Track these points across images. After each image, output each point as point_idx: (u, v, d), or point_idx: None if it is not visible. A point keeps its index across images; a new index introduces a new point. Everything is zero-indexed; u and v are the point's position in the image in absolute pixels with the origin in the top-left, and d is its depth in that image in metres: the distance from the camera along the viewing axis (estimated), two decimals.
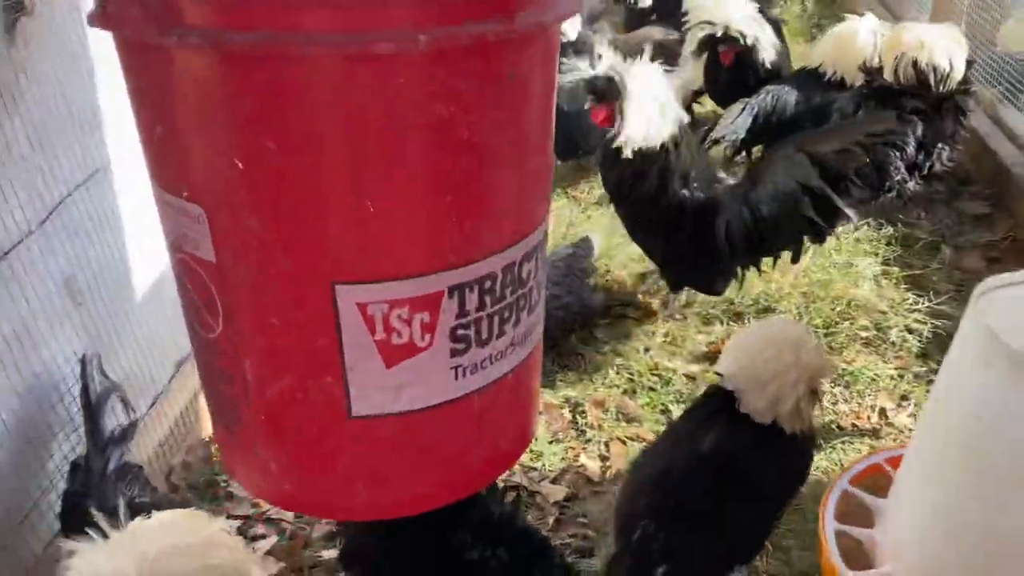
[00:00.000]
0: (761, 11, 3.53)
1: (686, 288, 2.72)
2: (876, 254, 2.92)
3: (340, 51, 0.94)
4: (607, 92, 2.33)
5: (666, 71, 2.49)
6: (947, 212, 3.11)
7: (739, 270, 2.56)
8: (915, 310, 2.62)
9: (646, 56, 2.42)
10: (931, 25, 3.07)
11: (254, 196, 1.02)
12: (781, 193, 2.37)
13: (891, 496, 1.56)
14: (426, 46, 0.93)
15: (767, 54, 3.44)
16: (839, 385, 2.39)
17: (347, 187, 1.01)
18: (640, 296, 2.87)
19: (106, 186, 1.86)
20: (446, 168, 1.03)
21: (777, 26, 3.68)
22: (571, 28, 3.63)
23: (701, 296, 2.79)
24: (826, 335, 2.57)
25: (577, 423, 2.39)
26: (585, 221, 3.36)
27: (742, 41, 3.35)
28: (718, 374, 1.61)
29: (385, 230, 1.04)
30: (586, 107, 2.40)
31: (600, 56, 2.48)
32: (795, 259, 2.51)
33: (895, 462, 1.61)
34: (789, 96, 3.26)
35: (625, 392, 2.48)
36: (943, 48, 2.96)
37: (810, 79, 3.28)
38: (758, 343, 1.57)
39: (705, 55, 3.45)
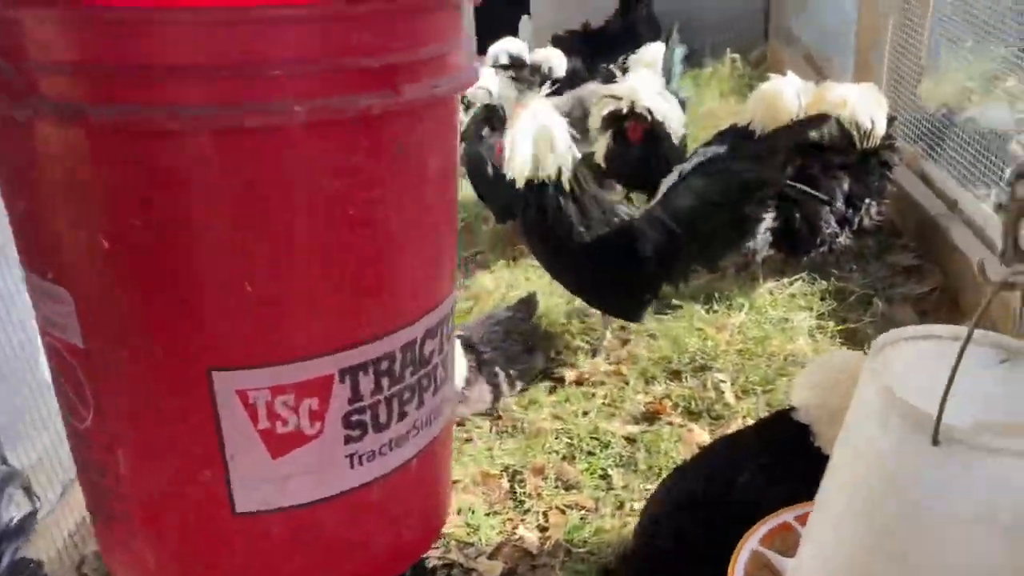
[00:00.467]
0: (668, 85, 3.59)
1: (610, 330, 2.81)
2: (811, 308, 2.93)
3: (210, 124, 0.89)
4: (500, 123, 2.57)
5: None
6: (878, 265, 3.15)
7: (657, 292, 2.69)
8: None
9: (537, 88, 2.53)
10: (852, 85, 3.15)
11: (122, 277, 0.95)
12: (701, 204, 2.51)
13: (797, 556, 1.50)
14: (304, 118, 0.88)
15: (675, 130, 3.38)
16: None
17: (222, 267, 0.94)
18: (581, 357, 2.82)
19: (6, 265, 1.76)
20: (331, 245, 0.97)
21: (682, 103, 3.74)
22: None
23: (642, 353, 2.76)
24: (764, 392, 2.54)
25: (515, 493, 2.30)
26: (524, 282, 3.32)
27: (650, 117, 3.25)
28: (790, 407, 1.59)
29: (266, 311, 0.97)
30: (489, 141, 2.60)
31: (490, 91, 2.59)
32: (713, 268, 2.84)
33: (804, 520, 1.56)
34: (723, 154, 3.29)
35: (564, 458, 2.40)
36: (865, 106, 3.04)
37: (740, 137, 3.32)
38: (832, 375, 1.55)
39: (609, 132, 3.30)
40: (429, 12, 0.99)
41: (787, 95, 3.24)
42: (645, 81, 3.32)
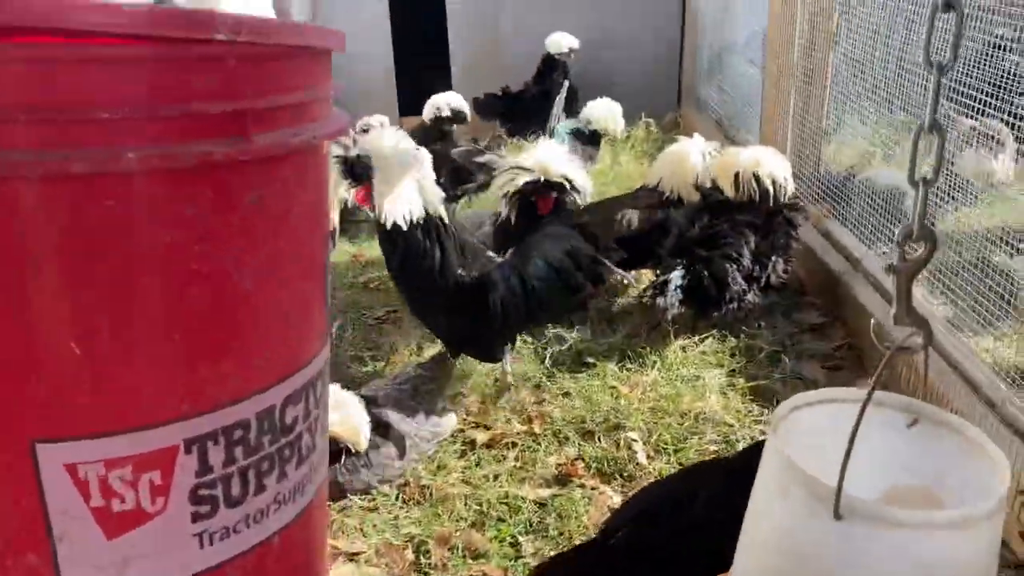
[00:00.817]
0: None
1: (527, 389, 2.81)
2: (721, 366, 2.93)
3: (33, 170, 0.81)
4: (362, 171, 2.54)
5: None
6: (786, 323, 3.19)
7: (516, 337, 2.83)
8: (760, 421, 2.61)
9: (404, 137, 2.65)
10: (759, 147, 3.24)
11: None
12: (550, 264, 2.65)
13: None
14: (137, 166, 0.81)
15: (583, 198, 3.22)
16: None
17: (47, 326, 0.86)
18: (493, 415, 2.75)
19: None
20: (172, 303, 0.90)
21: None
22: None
23: (555, 413, 2.70)
24: (676, 451, 2.51)
25: (420, 564, 2.18)
26: (434, 340, 3.25)
27: (567, 186, 3.08)
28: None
29: (97, 376, 0.88)
30: (347, 190, 2.68)
31: (355, 141, 2.66)
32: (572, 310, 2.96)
33: None
34: (632, 215, 3.33)
35: (473, 525, 2.30)
36: (774, 166, 3.12)
37: (648, 196, 3.37)
38: None
39: (515, 205, 3.10)
40: (288, 58, 0.94)
41: (691, 156, 3.32)
42: (551, 151, 3.21)
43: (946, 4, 1.02)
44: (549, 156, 3.11)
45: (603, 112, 4.58)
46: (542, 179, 3.00)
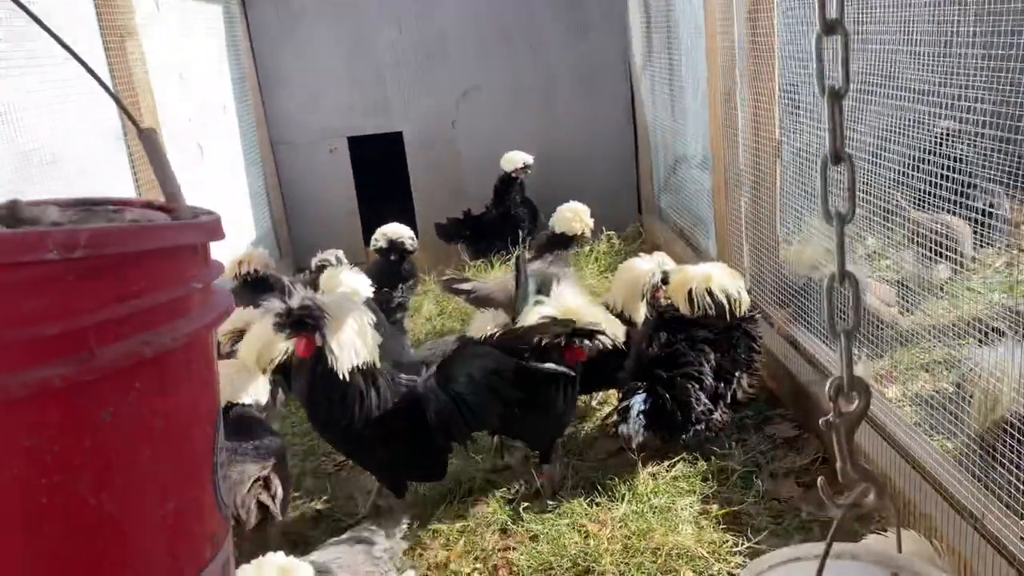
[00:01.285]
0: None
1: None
2: (694, 492, 2.80)
3: None
4: (306, 322, 2.55)
5: None
6: (759, 438, 3.09)
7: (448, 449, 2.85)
8: (736, 552, 2.47)
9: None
10: (708, 263, 3.23)
11: None
12: (478, 381, 2.68)
13: None
14: None
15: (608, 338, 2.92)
16: None
17: None
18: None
19: None
20: (24, 545, 0.81)
21: None
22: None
23: (521, 561, 2.55)
24: None
25: None
26: None
27: (601, 338, 2.85)
28: None
29: None
30: (286, 340, 2.63)
31: (291, 291, 2.78)
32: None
33: None
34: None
35: None
36: (725, 280, 3.10)
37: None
38: None
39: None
40: (140, 263, 0.89)
41: (639, 273, 3.30)
42: (574, 297, 3.03)
43: (828, 27, 0.99)
44: (577, 303, 2.96)
45: (570, 214, 4.59)
46: (573, 327, 2.80)
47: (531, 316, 2.92)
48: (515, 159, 5.60)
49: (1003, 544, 2.01)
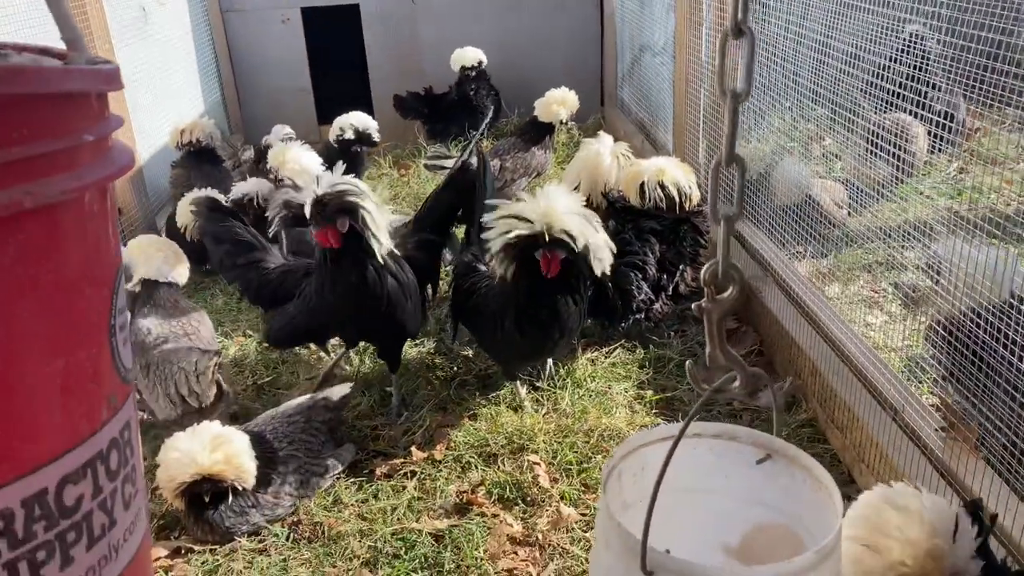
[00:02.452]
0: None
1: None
2: (630, 378, 2.87)
3: None
4: (334, 213, 2.44)
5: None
6: (698, 329, 3.14)
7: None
8: None
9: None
10: (661, 157, 3.19)
11: None
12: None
13: None
14: None
15: (602, 263, 2.54)
16: (593, 528, 2.23)
17: None
18: (394, 440, 2.65)
19: None
20: None
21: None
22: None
23: (459, 437, 2.61)
24: (579, 472, 2.43)
25: None
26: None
27: (573, 245, 2.38)
28: None
29: None
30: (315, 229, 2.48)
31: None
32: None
33: None
34: None
35: (367, 564, 2.20)
36: (678, 174, 3.08)
37: None
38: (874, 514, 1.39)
39: (511, 264, 2.49)
40: (18, 108, 0.83)
41: (602, 157, 3.26)
42: (559, 198, 2.45)
43: (737, 30, 0.96)
44: (556, 206, 2.40)
45: (556, 106, 4.54)
46: (547, 235, 2.37)
47: (499, 220, 2.49)
48: (465, 57, 5.42)
49: (919, 436, 2.10)
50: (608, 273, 2.63)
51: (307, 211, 2.47)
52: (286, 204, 3.11)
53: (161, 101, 4.65)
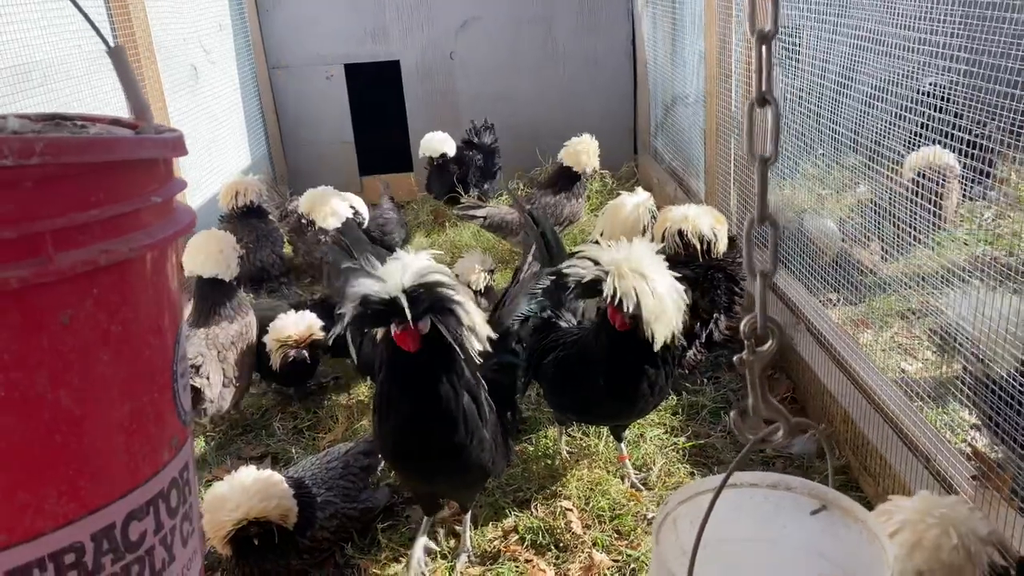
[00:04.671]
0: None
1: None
2: (663, 424, 2.90)
3: None
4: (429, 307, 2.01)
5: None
6: (732, 376, 3.17)
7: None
8: None
9: None
10: (691, 205, 3.25)
11: None
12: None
13: None
14: None
15: (665, 330, 2.31)
16: (625, 574, 2.25)
17: None
18: None
19: None
20: None
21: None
22: None
23: (492, 484, 2.65)
24: (612, 519, 2.46)
25: None
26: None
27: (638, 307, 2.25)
28: None
29: None
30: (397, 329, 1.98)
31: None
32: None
33: None
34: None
35: None
36: (705, 222, 3.13)
37: None
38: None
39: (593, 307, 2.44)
40: (100, 174, 0.93)
41: (626, 210, 3.33)
42: (645, 256, 2.33)
43: (761, 100, 1.03)
44: (630, 253, 2.32)
45: (580, 148, 4.56)
46: (615, 285, 2.26)
47: (572, 266, 2.41)
48: (432, 146, 5.13)
49: (951, 484, 2.09)
50: (673, 340, 2.37)
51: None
52: (365, 299, 2.00)
53: (210, 155, 4.86)
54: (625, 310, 2.26)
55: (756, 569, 1.36)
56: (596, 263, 2.34)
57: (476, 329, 2.05)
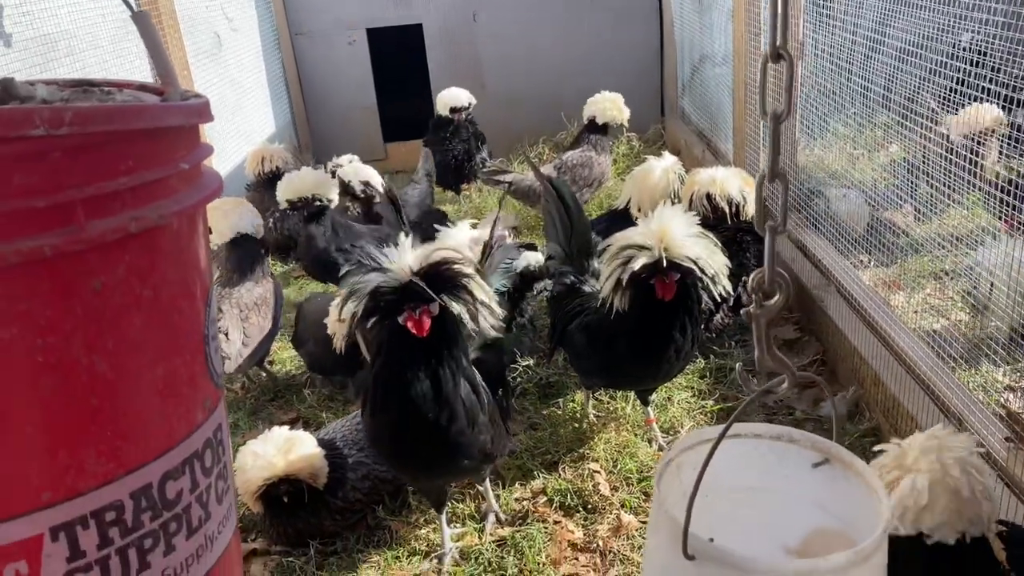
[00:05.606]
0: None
1: None
2: (691, 388, 2.89)
3: None
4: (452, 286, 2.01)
5: None
6: None
7: None
8: None
9: None
10: (721, 167, 3.21)
11: None
12: None
13: None
14: None
15: (720, 285, 2.40)
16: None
17: None
18: None
19: None
20: (21, 397, 0.89)
21: None
22: None
23: (520, 447, 2.67)
24: (639, 481, 2.47)
25: None
26: None
27: (697, 272, 2.33)
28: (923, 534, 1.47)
29: None
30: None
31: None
32: None
33: None
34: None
35: (433, 567, 2.28)
36: (734, 184, 3.09)
37: (618, 218, 3.34)
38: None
39: (624, 293, 2.38)
40: (127, 142, 0.94)
41: (654, 175, 3.29)
42: (674, 221, 2.37)
43: (776, 55, 1.01)
44: (672, 229, 2.34)
45: (607, 103, 4.45)
46: (664, 260, 2.29)
47: (613, 250, 2.41)
48: (456, 98, 4.87)
49: (983, 446, 2.08)
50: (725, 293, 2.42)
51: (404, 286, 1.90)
52: (374, 294, 1.94)
53: (235, 122, 4.87)
54: (672, 279, 2.30)
55: (757, 517, 1.36)
56: (638, 247, 2.33)
57: (491, 304, 2.02)
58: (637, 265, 2.29)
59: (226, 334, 2.94)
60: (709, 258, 2.35)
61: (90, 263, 0.91)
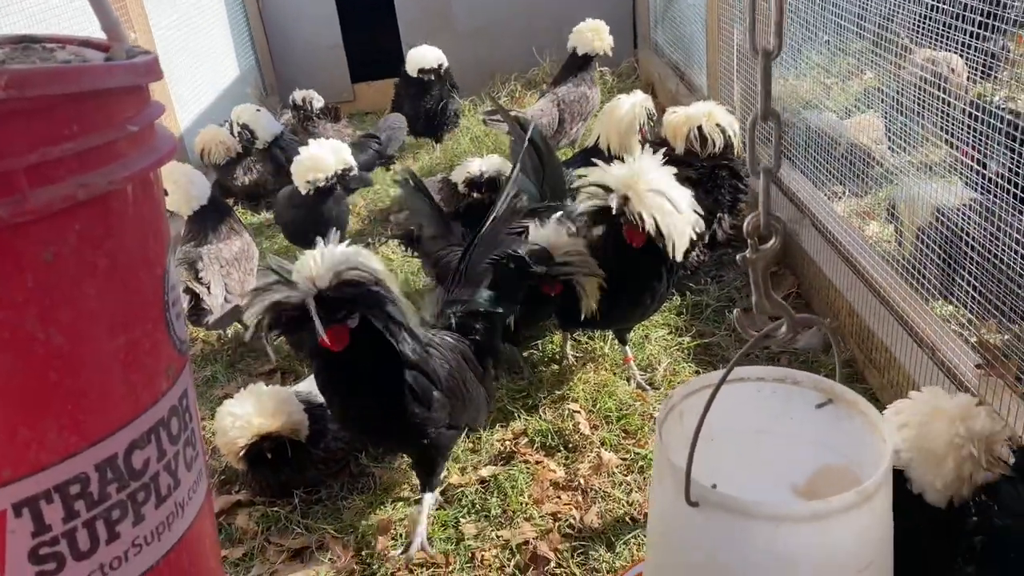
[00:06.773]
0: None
1: None
2: (668, 325, 2.91)
3: None
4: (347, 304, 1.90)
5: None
6: (735, 276, 3.15)
7: None
8: None
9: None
10: (701, 103, 3.14)
11: None
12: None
13: None
14: None
15: (680, 247, 2.35)
16: (633, 472, 2.31)
17: None
18: None
19: None
20: None
21: None
22: None
23: (501, 391, 2.68)
24: (619, 419, 2.50)
25: (362, 556, 2.19)
26: None
27: (652, 222, 2.27)
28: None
29: None
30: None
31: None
32: None
33: None
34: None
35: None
36: (725, 117, 3.03)
37: (591, 156, 3.29)
38: (921, 416, 1.54)
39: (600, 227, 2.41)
40: (71, 105, 0.89)
41: (622, 110, 3.23)
42: (644, 163, 2.33)
43: None
44: (640, 170, 2.28)
45: (590, 33, 4.32)
46: (624, 211, 2.27)
47: (583, 192, 2.40)
48: (424, 58, 4.56)
49: (955, 375, 2.11)
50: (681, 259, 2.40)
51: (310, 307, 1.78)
52: (275, 307, 1.85)
53: (197, 68, 4.72)
54: (644, 230, 2.26)
55: (763, 459, 1.40)
56: (606, 188, 2.31)
57: (407, 318, 1.95)
58: (607, 204, 2.27)
59: (208, 287, 2.89)
60: (669, 219, 2.29)
61: (39, 233, 0.88)
